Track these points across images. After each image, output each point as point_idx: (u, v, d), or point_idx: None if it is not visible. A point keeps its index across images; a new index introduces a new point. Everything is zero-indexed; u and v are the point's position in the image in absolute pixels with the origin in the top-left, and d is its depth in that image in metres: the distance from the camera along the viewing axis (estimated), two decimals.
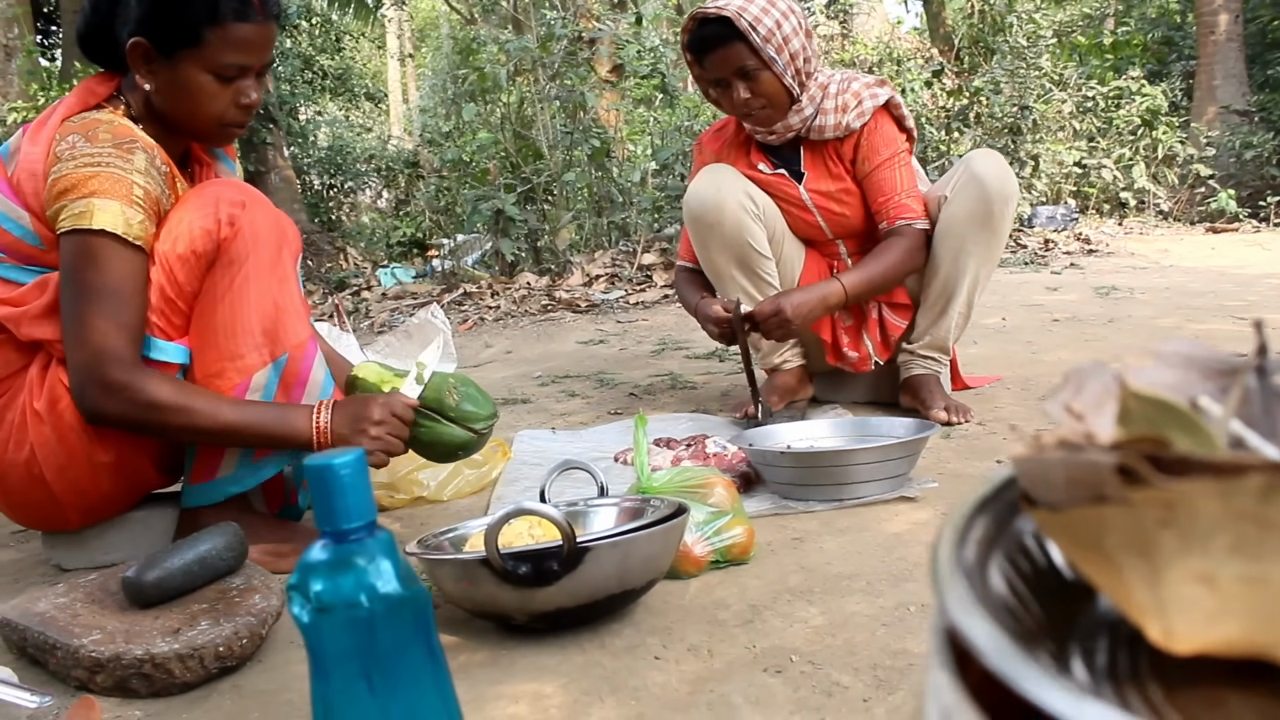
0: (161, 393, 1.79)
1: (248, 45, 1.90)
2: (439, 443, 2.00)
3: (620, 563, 1.48)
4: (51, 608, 1.62)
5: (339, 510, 0.85)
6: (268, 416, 1.86)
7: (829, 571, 1.77)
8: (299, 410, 1.88)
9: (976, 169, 2.71)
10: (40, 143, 1.86)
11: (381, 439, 1.88)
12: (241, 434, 1.85)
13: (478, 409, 2.05)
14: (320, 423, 1.87)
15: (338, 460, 0.85)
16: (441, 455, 2.02)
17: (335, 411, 1.88)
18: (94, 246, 1.79)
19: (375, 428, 1.88)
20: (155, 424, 1.81)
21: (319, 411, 1.88)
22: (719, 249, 2.82)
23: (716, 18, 2.66)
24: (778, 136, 2.84)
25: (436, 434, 1.99)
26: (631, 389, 3.62)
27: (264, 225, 1.91)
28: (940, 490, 2.18)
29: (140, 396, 1.78)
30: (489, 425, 2.06)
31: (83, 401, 1.80)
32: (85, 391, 1.79)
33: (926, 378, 2.89)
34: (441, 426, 2.00)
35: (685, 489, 1.85)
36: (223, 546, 1.69)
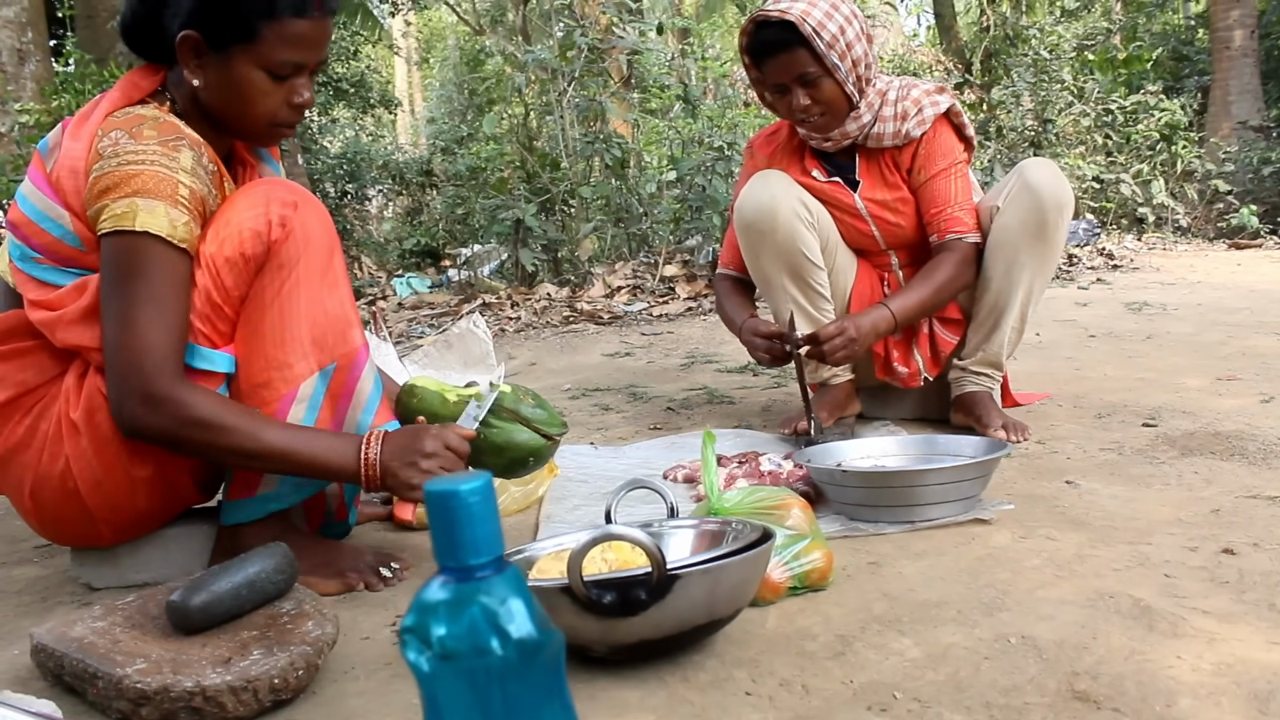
0: (205, 409, 1.69)
1: (304, 42, 1.80)
2: (511, 445, 1.89)
3: (709, 591, 1.38)
4: (89, 632, 1.51)
5: (465, 543, 0.75)
6: (316, 444, 1.76)
7: (914, 599, 1.67)
8: (348, 439, 1.78)
9: (1030, 178, 2.61)
10: (82, 139, 1.76)
11: (433, 473, 1.76)
12: (286, 460, 1.74)
13: (550, 417, 1.96)
14: (369, 455, 1.76)
15: (464, 486, 0.74)
16: (510, 463, 1.92)
17: (386, 443, 1.77)
18: (137, 249, 1.68)
19: (427, 461, 1.77)
20: (196, 442, 1.70)
21: (369, 443, 1.77)
22: (770, 258, 2.71)
23: (779, 21, 2.56)
24: (834, 143, 2.75)
25: (509, 435, 1.89)
26: (667, 403, 3.52)
27: (316, 227, 1.80)
28: (1015, 513, 2.07)
29: (183, 412, 1.68)
30: (561, 434, 1.96)
31: (121, 415, 1.70)
32: (124, 404, 1.68)
33: (980, 395, 2.79)
34: (515, 428, 1.90)
35: (760, 510, 1.74)
36: (272, 569, 1.58)
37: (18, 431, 1.81)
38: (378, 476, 1.75)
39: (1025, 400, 3.08)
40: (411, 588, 1.87)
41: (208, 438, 1.69)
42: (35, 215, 1.78)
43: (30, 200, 1.79)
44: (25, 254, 1.79)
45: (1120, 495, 2.17)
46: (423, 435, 1.78)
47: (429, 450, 1.77)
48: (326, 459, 1.75)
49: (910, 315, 2.62)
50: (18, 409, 1.81)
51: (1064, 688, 1.33)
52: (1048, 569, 1.76)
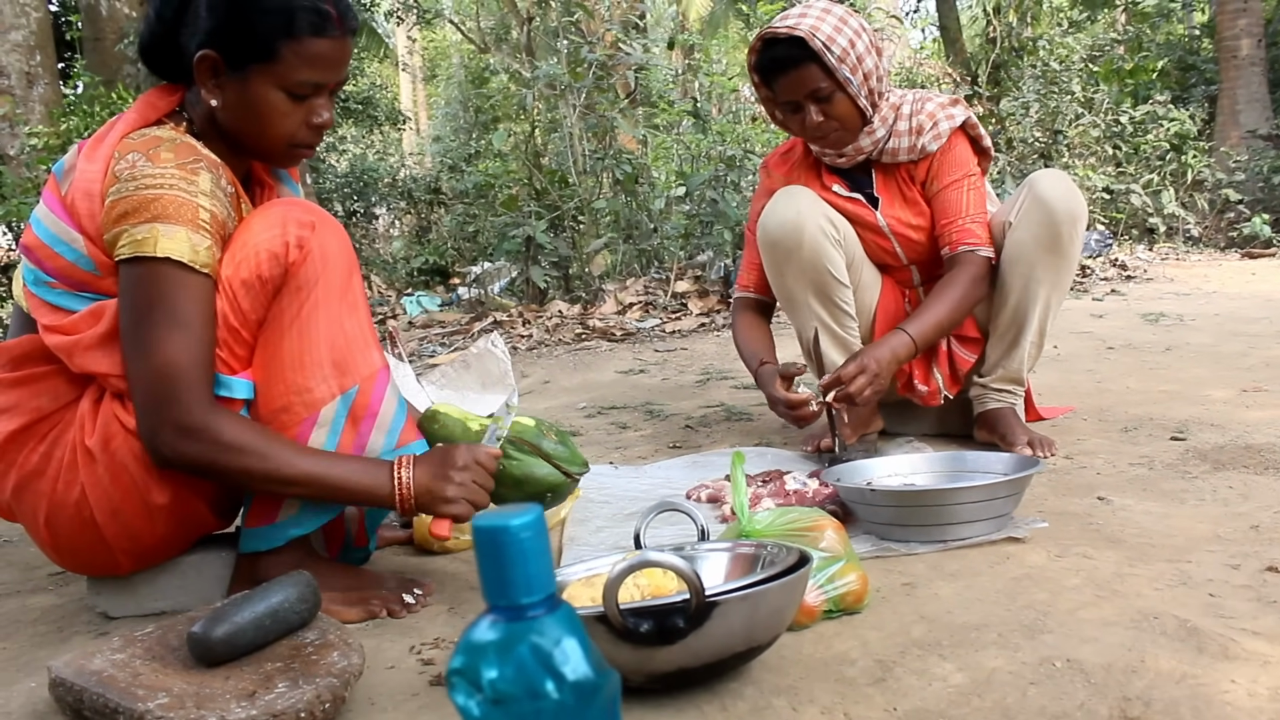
0: (240, 436, 1.66)
1: (324, 62, 1.77)
2: (530, 479, 1.85)
3: (749, 618, 1.34)
4: (109, 665, 1.47)
5: (516, 581, 0.71)
6: (351, 469, 1.73)
7: (953, 621, 1.62)
8: (381, 464, 1.75)
9: (1040, 191, 2.57)
10: (97, 160, 1.72)
11: (467, 486, 1.74)
12: (320, 486, 1.71)
13: (573, 455, 1.92)
14: (403, 477, 1.73)
15: (515, 521, 0.71)
16: (527, 498, 1.87)
17: (418, 466, 1.74)
18: (159, 276, 1.65)
19: (460, 474, 1.74)
20: (232, 470, 1.67)
21: (401, 466, 1.74)
22: (796, 276, 2.66)
23: (788, 38, 2.53)
24: (848, 159, 2.71)
25: (529, 469, 1.85)
26: (685, 421, 3.48)
27: (334, 248, 1.76)
28: (1048, 530, 2.03)
29: (219, 440, 1.64)
30: (581, 474, 1.92)
31: (155, 446, 1.66)
32: (157, 435, 1.65)
33: (1003, 411, 2.74)
34: (536, 462, 1.86)
35: (792, 532, 1.70)
36: (295, 598, 1.54)
37: (32, 459, 1.77)
38: (412, 498, 1.73)
39: (1049, 414, 3.03)
40: (434, 614, 1.84)
41: (243, 464, 1.66)
42: (49, 239, 1.74)
43: (44, 224, 1.76)
44: (39, 278, 1.76)
45: (1155, 511, 2.13)
46: (453, 452, 1.76)
47: (461, 464, 1.74)
48: (361, 484, 1.72)
49: (929, 338, 2.58)
50: (32, 436, 1.78)
51: (1116, 714, 1.29)
52: (1087, 589, 1.72)
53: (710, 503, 2.38)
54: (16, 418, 1.77)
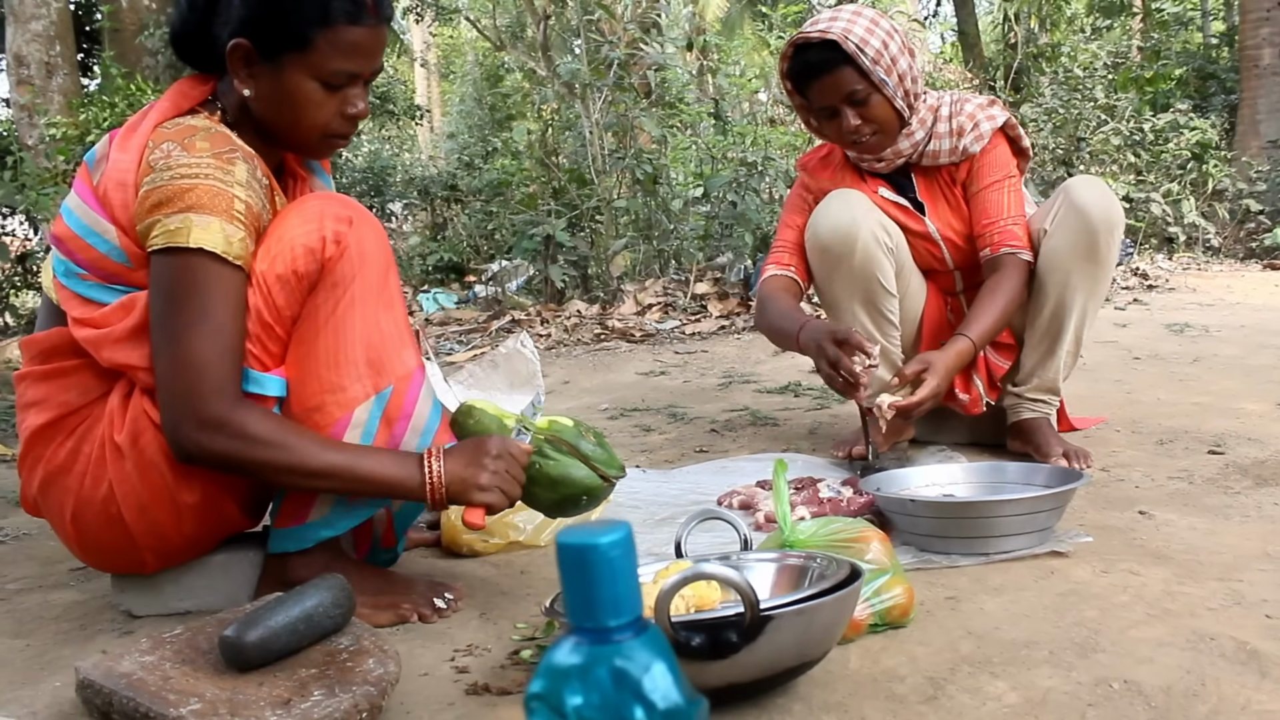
0: (264, 429, 1.62)
1: (359, 50, 1.73)
2: (566, 480, 1.80)
3: (802, 633, 1.30)
4: (138, 668, 1.44)
5: (603, 602, 0.67)
6: (379, 461, 1.68)
7: (1001, 638, 1.58)
8: (411, 456, 1.70)
9: (1076, 198, 2.52)
10: (130, 150, 1.69)
11: (500, 475, 1.69)
12: (348, 478, 1.66)
13: (610, 458, 1.87)
14: (434, 469, 1.68)
15: (604, 539, 0.66)
16: (562, 500, 1.82)
17: (448, 456, 1.70)
18: (191, 267, 1.61)
19: (494, 462, 1.69)
20: (256, 463, 1.62)
21: (431, 458, 1.69)
22: (844, 283, 2.61)
23: (820, 42, 2.48)
24: (886, 164, 2.66)
25: (565, 469, 1.79)
26: (709, 425, 3.44)
27: (372, 244, 1.73)
28: (1091, 545, 1.98)
29: (242, 433, 1.60)
30: (618, 478, 1.87)
31: (177, 439, 1.62)
32: (180, 428, 1.61)
33: (1038, 421, 2.70)
34: (573, 463, 1.81)
35: (836, 543, 1.66)
36: (330, 603, 1.50)
37: (59, 454, 1.74)
38: (443, 488, 1.67)
39: (1081, 424, 2.99)
40: (466, 619, 1.80)
41: (268, 457, 1.62)
42: (81, 230, 1.71)
43: (76, 214, 1.72)
44: (70, 270, 1.72)
45: (1199, 527, 2.08)
46: (485, 442, 1.71)
47: (495, 453, 1.69)
48: (390, 475, 1.67)
49: (987, 340, 2.53)
50: (60, 430, 1.74)
51: None
52: (1137, 607, 1.68)
53: (742, 509, 2.34)
54: (45, 412, 1.74)
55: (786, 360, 4.77)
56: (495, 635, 1.72)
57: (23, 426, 1.78)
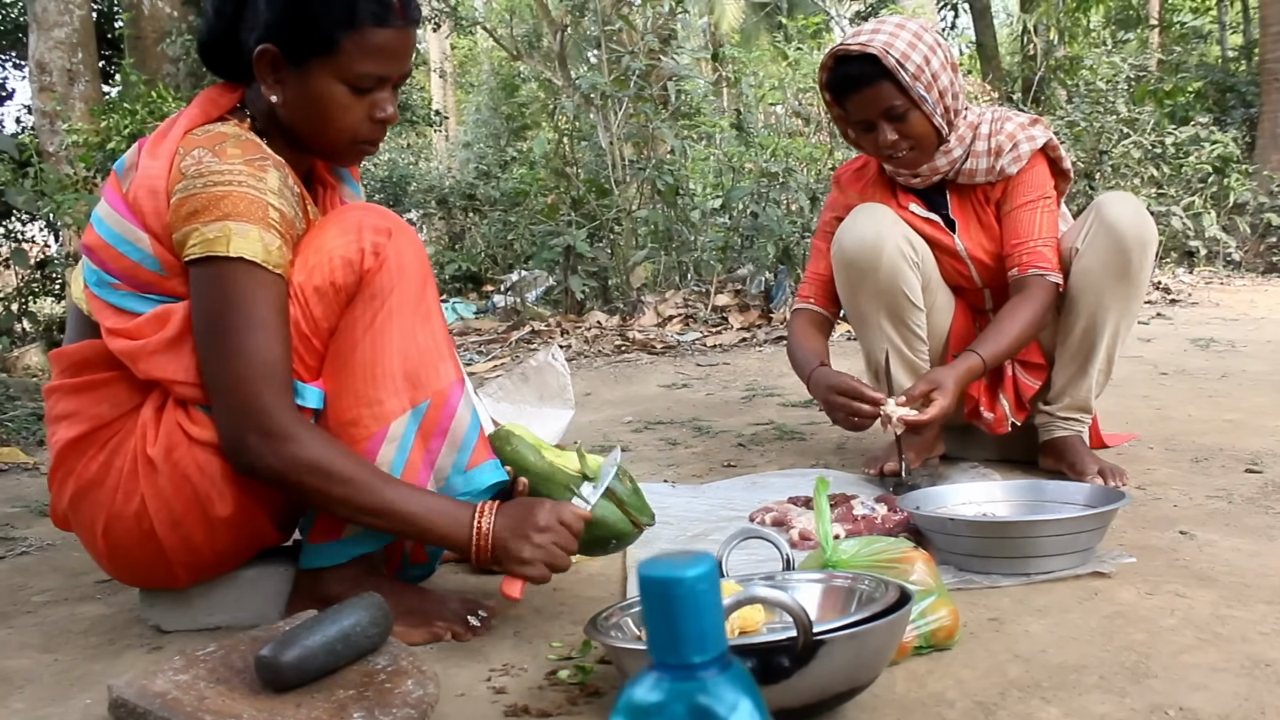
0: (324, 456, 1.59)
1: (387, 53, 1.70)
2: (600, 523, 1.77)
3: (854, 658, 1.27)
4: (173, 687, 1.41)
5: (688, 637, 0.64)
6: (431, 508, 1.64)
7: (1049, 661, 1.55)
8: (462, 508, 1.66)
9: (1108, 216, 2.49)
10: (161, 157, 1.67)
11: (545, 549, 1.64)
12: (397, 521, 1.63)
13: (643, 505, 1.85)
14: (482, 525, 1.64)
15: (691, 571, 0.64)
16: (592, 540, 1.79)
17: (499, 516, 1.65)
18: (234, 276, 1.59)
19: (540, 535, 1.64)
20: (309, 488, 1.60)
21: (483, 514, 1.65)
22: (870, 297, 2.58)
23: (860, 55, 2.45)
24: (922, 179, 2.63)
25: (601, 512, 1.77)
26: (735, 439, 3.41)
27: (410, 256, 1.70)
28: (1134, 566, 1.95)
29: (301, 455, 1.58)
30: (648, 525, 1.85)
31: (239, 451, 1.61)
32: (243, 441, 1.59)
33: (1071, 439, 2.66)
34: (608, 505, 1.78)
35: (880, 563, 1.63)
36: (367, 621, 1.48)
37: (91, 468, 1.72)
38: (488, 549, 1.64)
39: (1113, 441, 2.95)
40: (500, 638, 1.77)
41: (322, 485, 1.59)
42: (112, 238, 1.69)
43: (107, 223, 1.70)
44: (102, 279, 1.70)
45: (1243, 548, 2.05)
46: (537, 509, 1.66)
47: (543, 524, 1.64)
48: (439, 525, 1.64)
49: (999, 361, 2.50)
50: (92, 444, 1.72)
51: None
52: (1187, 630, 1.64)
53: (775, 526, 2.31)
54: (76, 425, 1.72)
55: None
56: (531, 655, 1.69)
57: (53, 440, 1.76)
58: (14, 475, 3.60)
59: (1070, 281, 2.55)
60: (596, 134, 7.41)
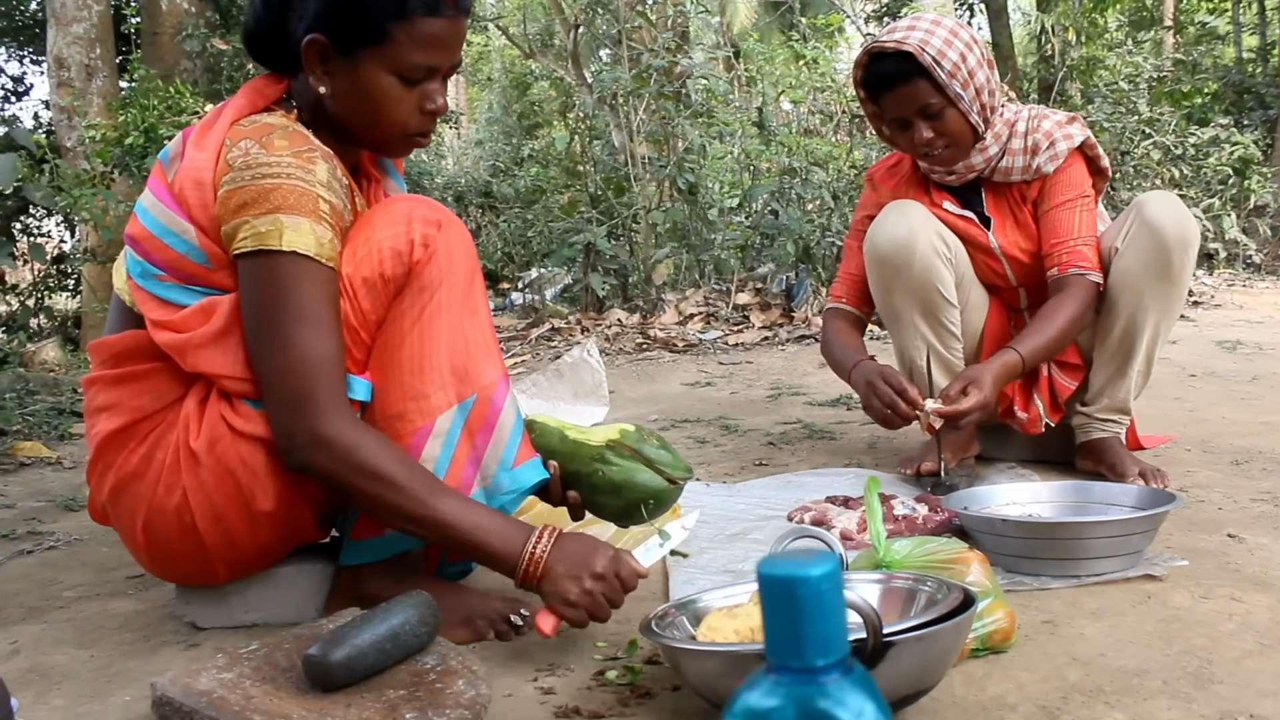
0: (380, 460, 1.55)
1: (438, 43, 1.67)
2: (629, 485, 1.75)
3: (921, 660, 1.24)
4: (218, 685, 1.38)
5: (812, 639, 0.61)
6: (484, 525, 1.58)
7: (1109, 665, 1.52)
8: (518, 527, 1.60)
9: (1150, 216, 2.45)
10: (207, 148, 1.64)
11: (593, 597, 1.57)
12: (447, 533, 1.57)
13: (675, 460, 1.82)
14: (536, 552, 1.57)
15: (815, 570, 0.61)
16: (627, 506, 1.77)
17: (556, 545, 1.58)
18: (286, 269, 1.56)
19: (593, 581, 1.57)
20: (360, 491, 1.56)
21: (540, 538, 1.58)
22: (904, 294, 2.55)
23: (895, 53, 2.42)
24: (957, 177, 2.60)
25: (628, 474, 1.74)
26: (764, 438, 3.37)
27: (459, 249, 1.67)
28: (1185, 569, 1.91)
29: (354, 458, 1.54)
30: (685, 479, 1.82)
31: (290, 449, 1.57)
32: (295, 438, 1.56)
33: (1109, 440, 2.63)
34: (636, 467, 1.75)
35: (934, 564, 1.60)
36: (416, 620, 1.45)
37: (132, 460, 1.69)
38: (537, 575, 1.57)
39: (1150, 443, 2.91)
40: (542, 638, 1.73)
41: (375, 490, 1.55)
42: (157, 230, 1.66)
43: (152, 214, 1.67)
44: (146, 271, 1.67)
45: None
46: (598, 553, 1.59)
47: (599, 570, 1.57)
48: (490, 543, 1.57)
49: (1038, 358, 2.47)
50: (133, 436, 1.69)
51: None
52: (1247, 635, 1.61)
53: (814, 525, 2.27)
54: (117, 417, 1.69)
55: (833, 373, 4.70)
56: (576, 654, 1.66)
57: (92, 432, 1.73)
58: (37, 470, 3.58)
59: (1110, 281, 2.51)
60: (609, 132, 7.38)
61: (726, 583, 1.91)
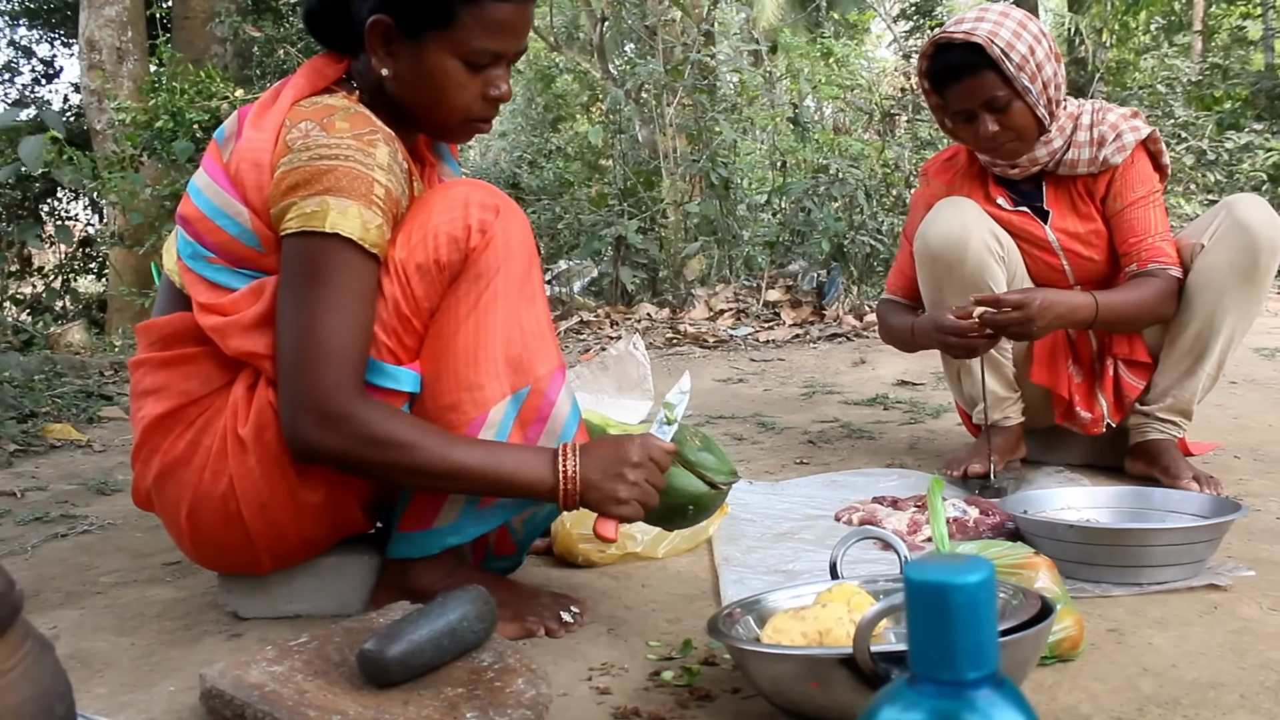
0: (387, 427, 1.51)
1: (505, 28, 1.62)
2: (670, 490, 1.70)
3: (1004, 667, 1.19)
4: (269, 679, 1.35)
5: (964, 650, 0.57)
6: (506, 459, 1.56)
7: (1181, 677, 1.47)
8: (540, 453, 1.58)
9: (1241, 215, 2.40)
10: (266, 129, 1.60)
11: (640, 486, 1.56)
12: (472, 477, 1.54)
13: (720, 463, 1.77)
14: (567, 468, 1.55)
15: (970, 578, 0.56)
16: (668, 511, 1.72)
17: (584, 455, 1.57)
18: (325, 253, 1.52)
19: (634, 471, 1.56)
20: (376, 462, 1.52)
21: (565, 455, 1.56)
22: (954, 291, 2.50)
23: (964, 44, 2.37)
24: (1020, 170, 2.55)
25: (670, 477, 1.69)
26: (802, 436, 3.33)
27: (517, 236, 1.63)
28: (1250, 579, 1.86)
29: (363, 430, 1.50)
30: (729, 483, 1.77)
31: (294, 433, 1.53)
32: (298, 421, 1.51)
33: (1166, 443, 2.57)
34: (676, 471, 1.71)
35: (1001, 569, 1.55)
36: (474, 616, 1.41)
37: (178, 446, 1.65)
38: (577, 491, 1.55)
39: (1197, 450, 2.84)
40: (594, 635, 1.70)
41: (390, 457, 1.51)
42: (210, 211, 1.62)
43: (205, 194, 1.64)
44: (197, 252, 1.63)
45: None
46: (626, 444, 1.57)
47: (635, 459, 1.56)
48: (519, 473, 1.55)
49: (1112, 316, 2.41)
50: (179, 421, 1.65)
51: None
52: None
53: (863, 526, 2.24)
54: (164, 401, 1.65)
55: (868, 372, 4.67)
56: (628, 653, 1.62)
57: (138, 415, 1.69)
58: (68, 452, 3.56)
59: (1190, 279, 2.46)
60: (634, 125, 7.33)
61: (777, 582, 1.88)
